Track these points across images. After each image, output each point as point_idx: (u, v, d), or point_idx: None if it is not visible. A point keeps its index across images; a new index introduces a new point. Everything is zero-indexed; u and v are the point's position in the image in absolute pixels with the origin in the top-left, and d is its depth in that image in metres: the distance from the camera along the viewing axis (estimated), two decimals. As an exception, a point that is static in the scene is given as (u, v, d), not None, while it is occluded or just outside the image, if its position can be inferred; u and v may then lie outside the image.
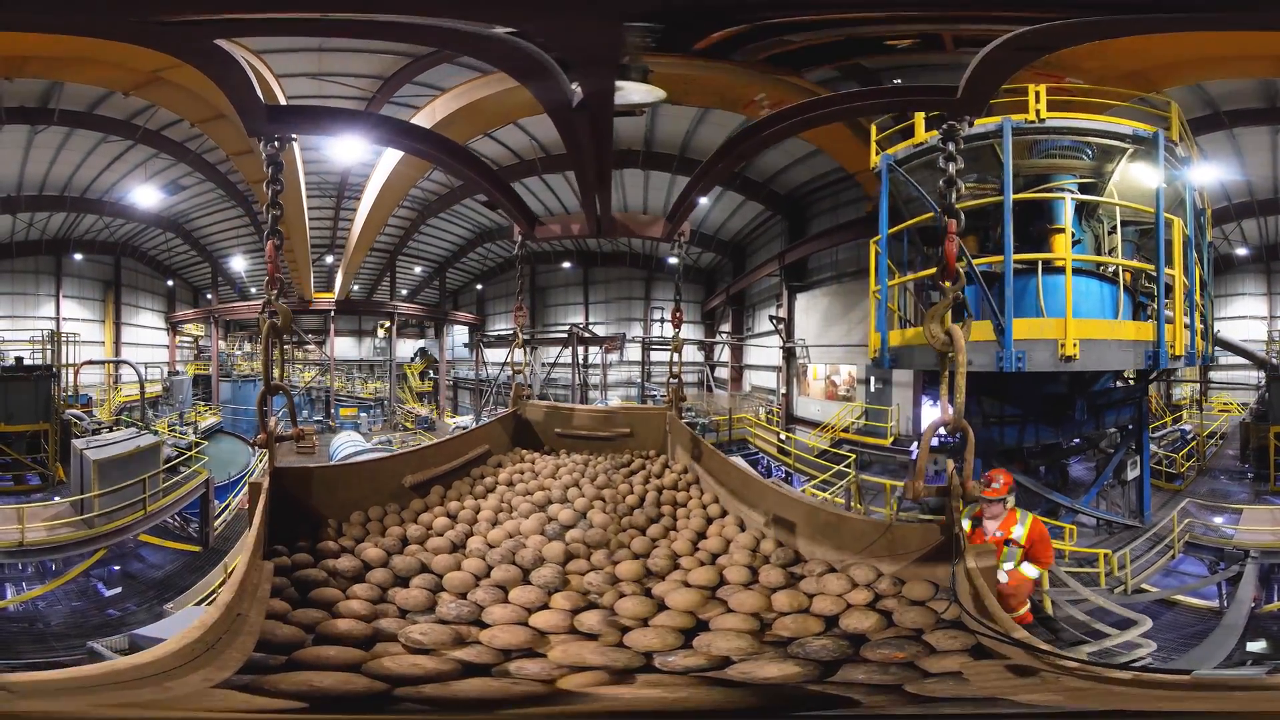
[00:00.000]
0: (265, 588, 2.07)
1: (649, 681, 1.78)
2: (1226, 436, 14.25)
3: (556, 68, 1.99)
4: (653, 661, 1.88)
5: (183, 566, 10.53)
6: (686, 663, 1.86)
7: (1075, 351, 7.47)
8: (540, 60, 1.93)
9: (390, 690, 1.61)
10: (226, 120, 11.44)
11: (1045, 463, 9.71)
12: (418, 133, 3.00)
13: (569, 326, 21.80)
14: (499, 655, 1.89)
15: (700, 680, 1.77)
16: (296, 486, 2.77)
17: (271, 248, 2.58)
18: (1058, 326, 7.53)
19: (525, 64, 1.97)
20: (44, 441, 11.81)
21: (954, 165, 2.31)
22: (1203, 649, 6.39)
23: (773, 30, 3.18)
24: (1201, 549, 8.67)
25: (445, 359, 28.77)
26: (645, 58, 2.24)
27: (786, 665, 1.82)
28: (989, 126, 8.04)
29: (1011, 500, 4.90)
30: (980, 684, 1.69)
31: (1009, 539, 4.83)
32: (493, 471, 3.71)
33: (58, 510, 9.62)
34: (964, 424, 2.24)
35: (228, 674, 1.56)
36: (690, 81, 8.99)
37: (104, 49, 8.75)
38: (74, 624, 8.25)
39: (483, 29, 1.83)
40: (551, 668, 1.82)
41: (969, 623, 1.95)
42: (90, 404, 17.84)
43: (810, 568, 2.46)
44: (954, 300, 2.31)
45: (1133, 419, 9.93)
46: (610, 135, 2.71)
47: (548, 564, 2.49)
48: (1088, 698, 1.55)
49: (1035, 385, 8.82)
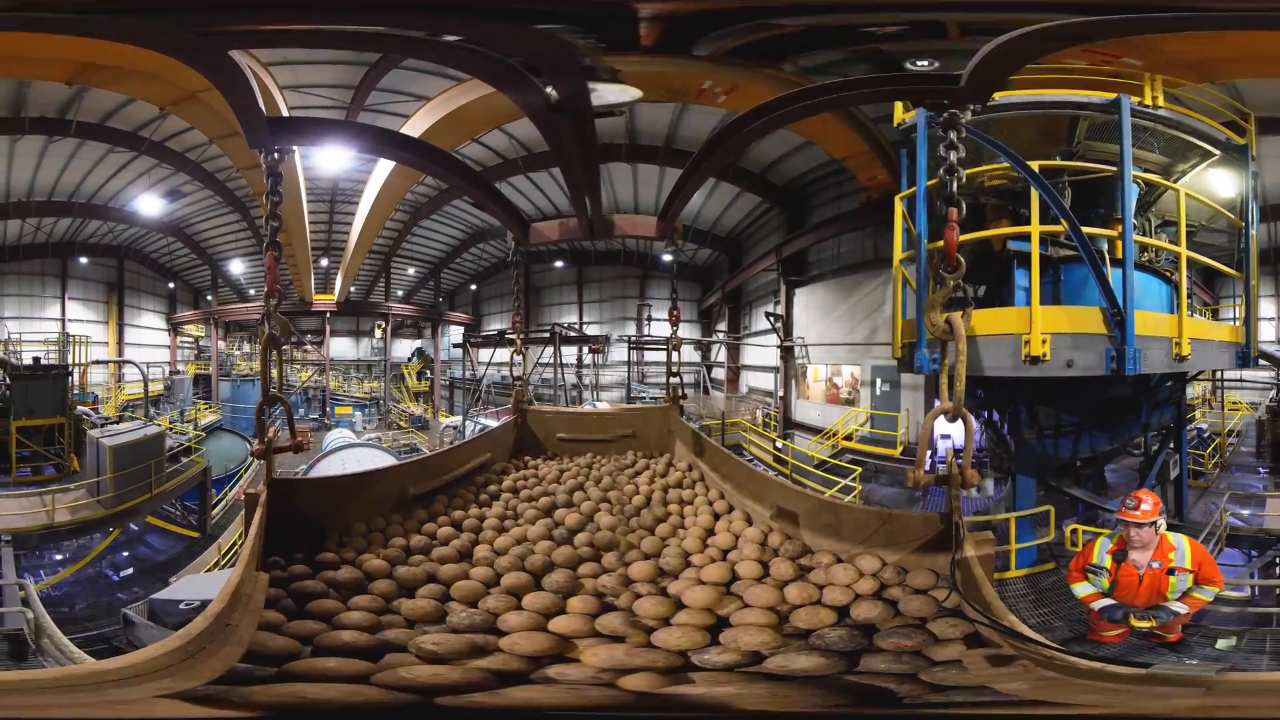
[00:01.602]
0: (259, 599, 2.02)
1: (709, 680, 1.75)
2: (1241, 434, 14.23)
3: (526, 74, 2.09)
4: (689, 660, 1.87)
5: (183, 551, 11.79)
6: (724, 659, 1.85)
7: (1188, 351, 6.65)
8: (510, 67, 2.03)
9: (427, 701, 1.59)
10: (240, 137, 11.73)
11: (1092, 471, 9.02)
12: (413, 145, 3.11)
13: (550, 326, 21.54)
14: (528, 663, 1.85)
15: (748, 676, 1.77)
16: (295, 497, 2.69)
17: (271, 259, 2.54)
18: (1171, 323, 6.67)
19: (497, 71, 2.07)
20: (59, 435, 12.72)
21: (955, 154, 2.25)
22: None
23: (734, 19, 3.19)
24: (1241, 539, 8.43)
25: (440, 359, 28.95)
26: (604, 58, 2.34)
27: (814, 657, 1.83)
28: (1093, 99, 7.11)
29: (1163, 524, 4.32)
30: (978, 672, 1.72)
31: (1172, 568, 4.30)
32: (496, 479, 3.66)
33: (76, 496, 10.48)
34: (964, 412, 2.24)
35: (195, 684, 1.52)
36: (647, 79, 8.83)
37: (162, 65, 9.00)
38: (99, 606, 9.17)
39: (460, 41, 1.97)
40: (595, 671, 1.79)
41: (968, 611, 1.97)
42: (96, 401, 18.46)
43: (818, 559, 2.46)
44: (954, 289, 2.28)
45: (1172, 419, 9.19)
46: (594, 137, 2.74)
47: (559, 569, 2.45)
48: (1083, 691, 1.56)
49: (1091, 390, 7.73)
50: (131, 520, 11.21)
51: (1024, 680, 1.64)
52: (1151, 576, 4.37)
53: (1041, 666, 1.66)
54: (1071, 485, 8.18)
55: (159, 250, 24.42)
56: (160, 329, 26.75)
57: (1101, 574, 4.52)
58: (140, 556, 11.58)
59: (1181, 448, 9.18)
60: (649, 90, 9.96)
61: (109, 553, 11.12)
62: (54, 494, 9.98)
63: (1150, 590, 4.38)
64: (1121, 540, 4.41)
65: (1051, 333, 6.22)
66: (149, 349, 25.42)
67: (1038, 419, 7.94)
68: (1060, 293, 7.18)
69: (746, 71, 9.27)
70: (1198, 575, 4.29)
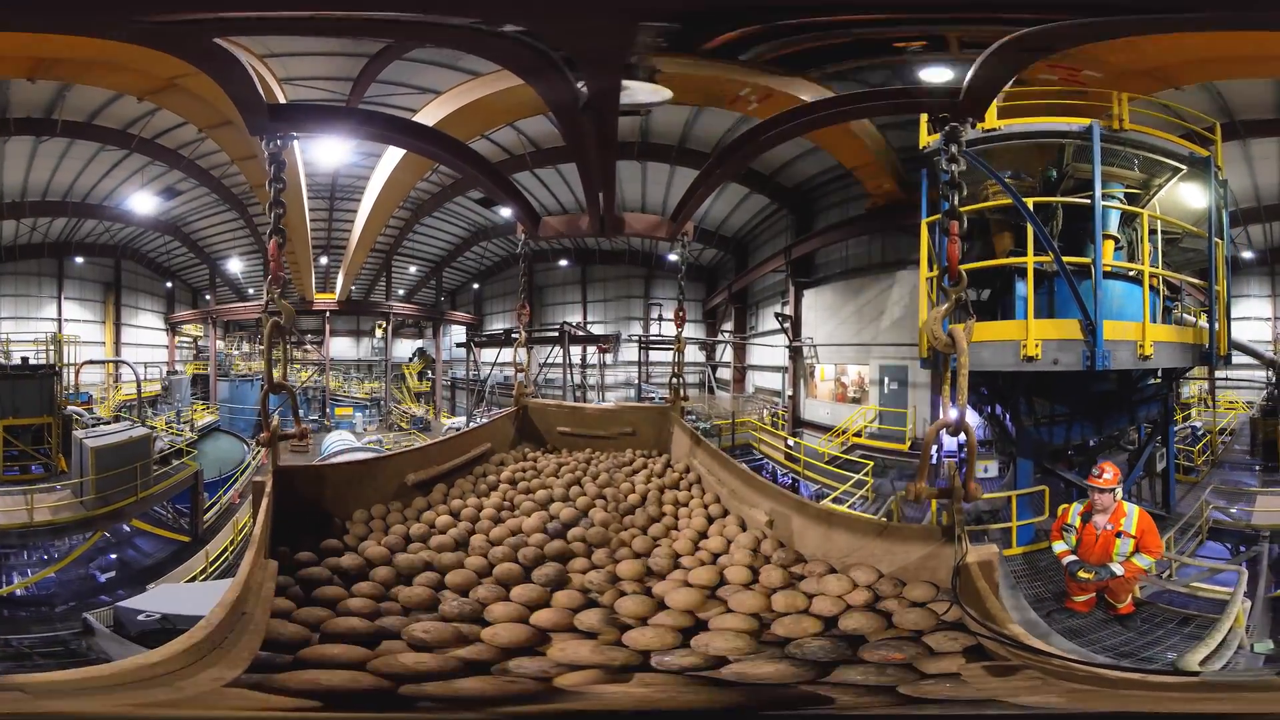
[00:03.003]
0: (270, 586, 2.06)
1: (643, 680, 1.78)
2: (1234, 433, 14.47)
3: (563, 67, 1.99)
4: (650, 660, 1.87)
5: (171, 556, 11.60)
6: (683, 662, 1.86)
7: (1151, 351, 7.94)
8: (548, 59, 1.93)
9: (395, 688, 1.61)
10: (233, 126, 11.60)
11: (1085, 460, 9.80)
12: (423, 131, 2.97)
13: (559, 325, 21.58)
14: (499, 653, 1.89)
15: (693, 680, 1.78)
16: (300, 485, 2.74)
17: (275, 246, 2.52)
18: (1137, 329, 8.04)
19: (531, 62, 1.98)
20: (47, 435, 12.69)
21: (956, 167, 2.28)
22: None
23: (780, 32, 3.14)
24: (1224, 534, 8.93)
25: (441, 359, 28.78)
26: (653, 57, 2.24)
27: (782, 665, 1.83)
28: (1073, 127, 8.35)
29: (1120, 492, 4.97)
30: (979, 686, 1.68)
31: (1120, 531, 4.91)
32: (495, 469, 3.69)
33: (60, 496, 10.50)
34: (967, 425, 2.22)
35: (237, 672, 1.55)
36: (687, 80, 9.02)
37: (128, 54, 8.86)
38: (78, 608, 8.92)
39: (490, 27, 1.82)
40: (549, 665, 1.82)
41: (970, 624, 1.94)
42: (90, 402, 18.32)
43: (811, 568, 2.45)
44: (956, 302, 2.31)
45: (1159, 414, 10.17)
46: (615, 135, 2.67)
47: (549, 562, 2.48)
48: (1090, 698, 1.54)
49: (1083, 384, 9.01)
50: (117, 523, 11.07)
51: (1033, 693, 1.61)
52: (1104, 537, 5.05)
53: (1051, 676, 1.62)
54: (1064, 469, 9.17)
55: (157, 249, 24.29)
56: (158, 329, 26.60)
57: (1071, 533, 5.33)
58: (127, 559, 11.46)
59: (1169, 442, 10.23)
60: (684, 93, 10.34)
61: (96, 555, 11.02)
62: (34, 494, 9.91)
63: (1101, 549, 5.10)
64: (1090, 504, 5.09)
65: (1042, 339, 7.95)
66: (147, 349, 25.30)
67: (1034, 409, 9.22)
68: (1054, 302, 8.50)
69: (782, 80, 9.40)
70: (1139, 542, 4.86)
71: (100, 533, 10.81)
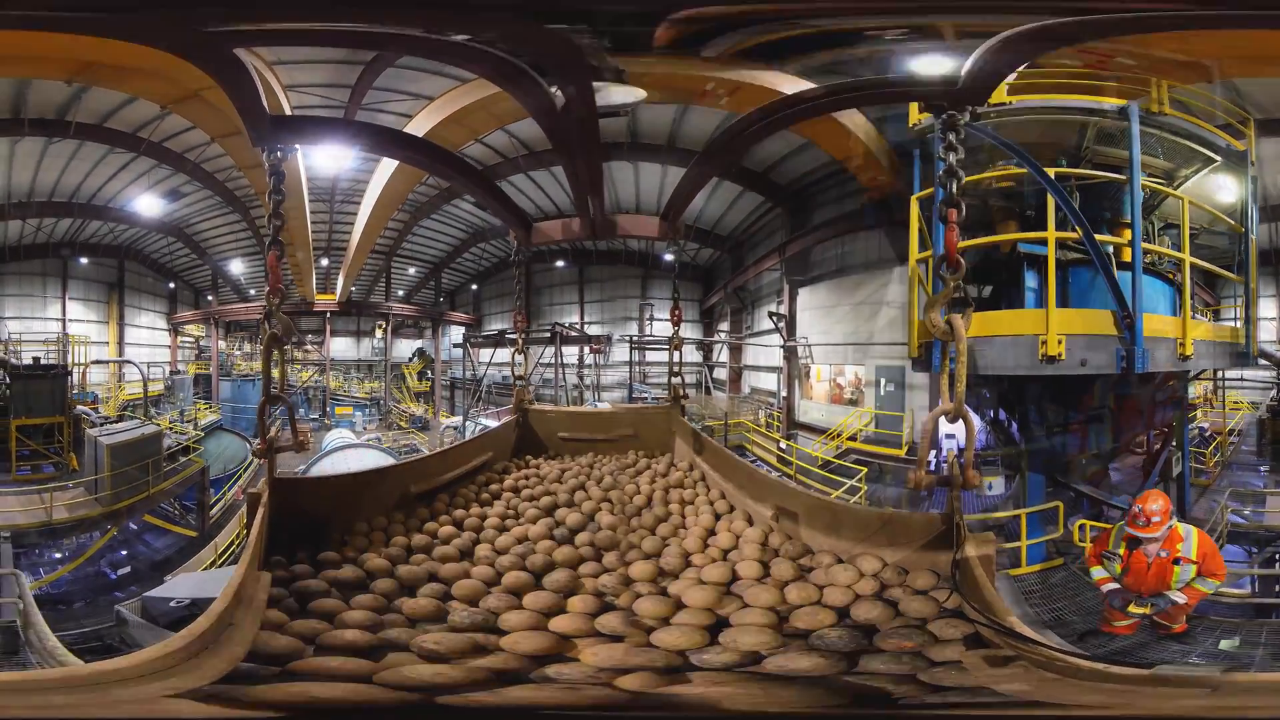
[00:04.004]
0: (261, 598, 2.03)
1: (707, 680, 1.76)
2: (1242, 433, 14.31)
3: (533, 73, 2.10)
4: (688, 660, 1.87)
5: (180, 551, 12.01)
6: (722, 659, 1.86)
7: (1191, 351, 7.04)
8: (517, 67, 2.03)
9: (429, 700, 1.60)
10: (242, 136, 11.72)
11: (1099, 468, 9.24)
12: (416, 144, 3.12)
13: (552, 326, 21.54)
14: (526, 661, 1.86)
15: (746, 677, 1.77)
16: (297, 497, 2.70)
17: (273, 258, 2.52)
18: (1176, 325, 7.06)
19: (506, 70, 2.08)
20: (58, 434, 12.81)
21: (954, 155, 2.25)
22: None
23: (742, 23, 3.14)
24: (1243, 536, 8.66)
25: (440, 359, 28.89)
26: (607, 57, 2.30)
27: (814, 657, 1.84)
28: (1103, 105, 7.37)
29: (1174, 519, 4.48)
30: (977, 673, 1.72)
31: (1178, 558, 4.42)
32: (497, 478, 3.67)
33: (74, 494, 10.69)
34: (965, 412, 2.23)
35: (201, 683, 1.53)
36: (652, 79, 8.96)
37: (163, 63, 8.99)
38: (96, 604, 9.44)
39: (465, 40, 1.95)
40: (592, 671, 1.79)
41: (969, 613, 1.98)
42: (96, 401, 18.55)
43: (819, 560, 2.46)
44: (954, 290, 2.30)
45: (1175, 417, 9.59)
46: (598, 137, 2.77)
47: (560, 568, 2.46)
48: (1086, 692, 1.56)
49: (1097, 388, 8.10)
50: (129, 519, 11.33)
51: (1024, 681, 1.64)
52: (1159, 565, 4.48)
53: (1042, 667, 1.66)
54: (1079, 482, 8.39)
55: (159, 250, 24.41)
56: (161, 329, 26.70)
57: (1115, 560, 4.71)
58: (138, 555, 11.75)
59: (1184, 446, 9.46)
60: (655, 91, 10.00)
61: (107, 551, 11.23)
62: (52, 492, 10.10)
63: (1156, 578, 4.53)
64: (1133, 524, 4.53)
65: (1066, 334, 6.59)
66: (150, 349, 25.41)
67: (1046, 417, 8.18)
68: (1069, 295, 7.44)
69: (749, 73, 9.32)
70: (1201, 567, 4.40)
71: (114, 529, 11.09)
